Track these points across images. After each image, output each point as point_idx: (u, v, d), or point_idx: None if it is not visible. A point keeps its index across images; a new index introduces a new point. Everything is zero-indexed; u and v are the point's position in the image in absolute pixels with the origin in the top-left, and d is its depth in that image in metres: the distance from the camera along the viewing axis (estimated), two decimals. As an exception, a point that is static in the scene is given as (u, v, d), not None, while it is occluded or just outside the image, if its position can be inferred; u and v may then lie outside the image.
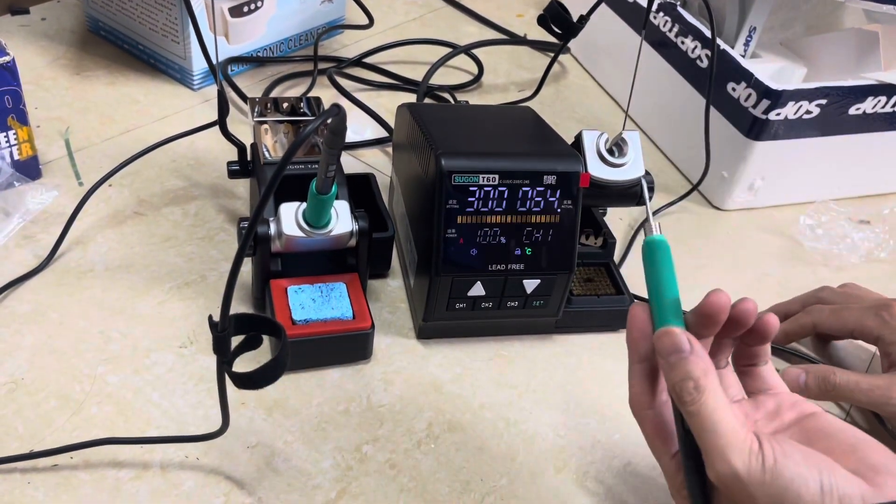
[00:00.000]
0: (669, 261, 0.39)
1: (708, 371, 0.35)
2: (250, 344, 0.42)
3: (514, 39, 0.98)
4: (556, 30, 0.72)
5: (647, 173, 0.58)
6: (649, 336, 0.38)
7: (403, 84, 0.86)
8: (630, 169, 0.57)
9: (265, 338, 0.43)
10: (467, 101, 0.66)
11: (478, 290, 0.55)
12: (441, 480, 0.49)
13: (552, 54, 0.97)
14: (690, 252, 0.71)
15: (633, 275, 0.66)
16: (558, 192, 0.53)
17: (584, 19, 0.71)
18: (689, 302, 0.39)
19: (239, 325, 0.40)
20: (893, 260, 0.73)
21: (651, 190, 0.58)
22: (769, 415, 0.39)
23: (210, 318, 0.39)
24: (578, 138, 0.57)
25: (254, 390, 0.42)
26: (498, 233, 0.53)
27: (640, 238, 0.71)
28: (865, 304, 0.56)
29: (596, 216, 0.65)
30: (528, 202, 0.53)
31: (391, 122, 0.79)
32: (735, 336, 0.40)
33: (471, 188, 0.52)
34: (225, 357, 0.40)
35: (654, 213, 0.74)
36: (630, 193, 0.58)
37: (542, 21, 0.72)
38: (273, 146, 0.59)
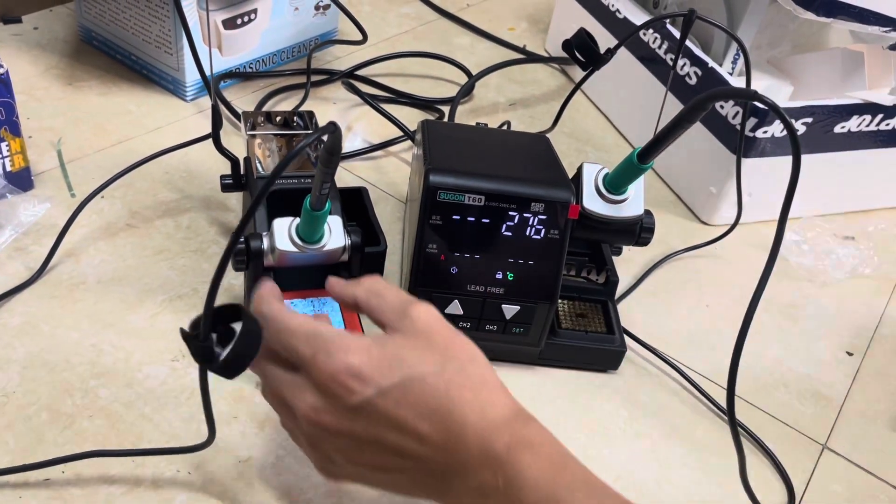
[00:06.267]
0: None
1: None
2: (224, 339, 0.39)
3: (529, 58, 0.98)
4: (581, 58, 0.70)
5: (648, 213, 0.57)
6: None
7: (397, 97, 0.87)
8: (629, 206, 0.55)
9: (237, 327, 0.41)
10: (486, 124, 0.66)
11: (455, 308, 0.55)
12: (432, 495, 0.50)
13: (555, 67, 0.98)
14: (675, 267, 0.72)
15: (632, 316, 0.64)
16: (545, 220, 0.53)
17: (610, 52, 0.69)
18: (672, 327, 0.40)
19: (209, 326, 0.39)
20: (878, 276, 0.74)
21: (650, 231, 0.57)
22: None
23: (182, 330, 0.38)
24: (579, 171, 0.57)
25: (240, 373, 0.39)
26: (480, 254, 0.53)
27: (647, 281, 0.69)
28: None
29: (604, 252, 0.63)
30: (514, 227, 0.53)
31: (385, 135, 0.80)
32: None
33: (456, 206, 0.52)
34: (211, 364, 0.39)
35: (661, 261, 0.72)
36: (628, 231, 0.57)
37: (567, 47, 0.70)
38: (266, 160, 0.59)
